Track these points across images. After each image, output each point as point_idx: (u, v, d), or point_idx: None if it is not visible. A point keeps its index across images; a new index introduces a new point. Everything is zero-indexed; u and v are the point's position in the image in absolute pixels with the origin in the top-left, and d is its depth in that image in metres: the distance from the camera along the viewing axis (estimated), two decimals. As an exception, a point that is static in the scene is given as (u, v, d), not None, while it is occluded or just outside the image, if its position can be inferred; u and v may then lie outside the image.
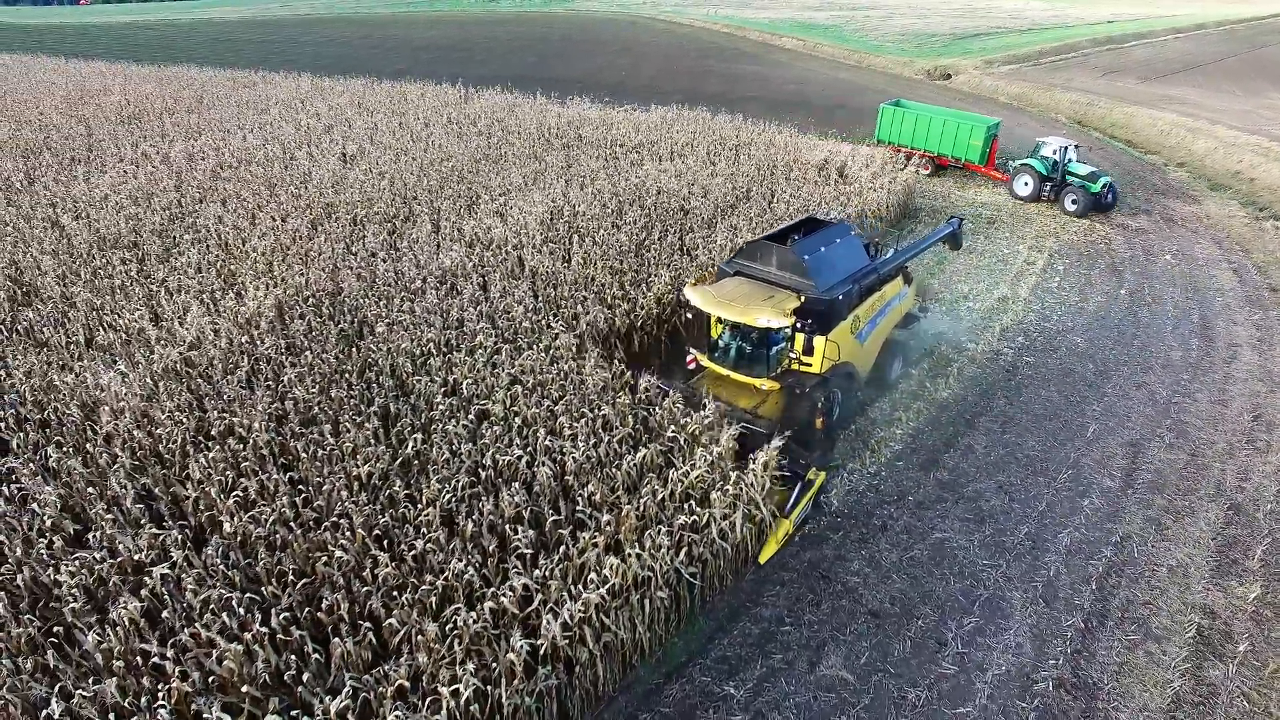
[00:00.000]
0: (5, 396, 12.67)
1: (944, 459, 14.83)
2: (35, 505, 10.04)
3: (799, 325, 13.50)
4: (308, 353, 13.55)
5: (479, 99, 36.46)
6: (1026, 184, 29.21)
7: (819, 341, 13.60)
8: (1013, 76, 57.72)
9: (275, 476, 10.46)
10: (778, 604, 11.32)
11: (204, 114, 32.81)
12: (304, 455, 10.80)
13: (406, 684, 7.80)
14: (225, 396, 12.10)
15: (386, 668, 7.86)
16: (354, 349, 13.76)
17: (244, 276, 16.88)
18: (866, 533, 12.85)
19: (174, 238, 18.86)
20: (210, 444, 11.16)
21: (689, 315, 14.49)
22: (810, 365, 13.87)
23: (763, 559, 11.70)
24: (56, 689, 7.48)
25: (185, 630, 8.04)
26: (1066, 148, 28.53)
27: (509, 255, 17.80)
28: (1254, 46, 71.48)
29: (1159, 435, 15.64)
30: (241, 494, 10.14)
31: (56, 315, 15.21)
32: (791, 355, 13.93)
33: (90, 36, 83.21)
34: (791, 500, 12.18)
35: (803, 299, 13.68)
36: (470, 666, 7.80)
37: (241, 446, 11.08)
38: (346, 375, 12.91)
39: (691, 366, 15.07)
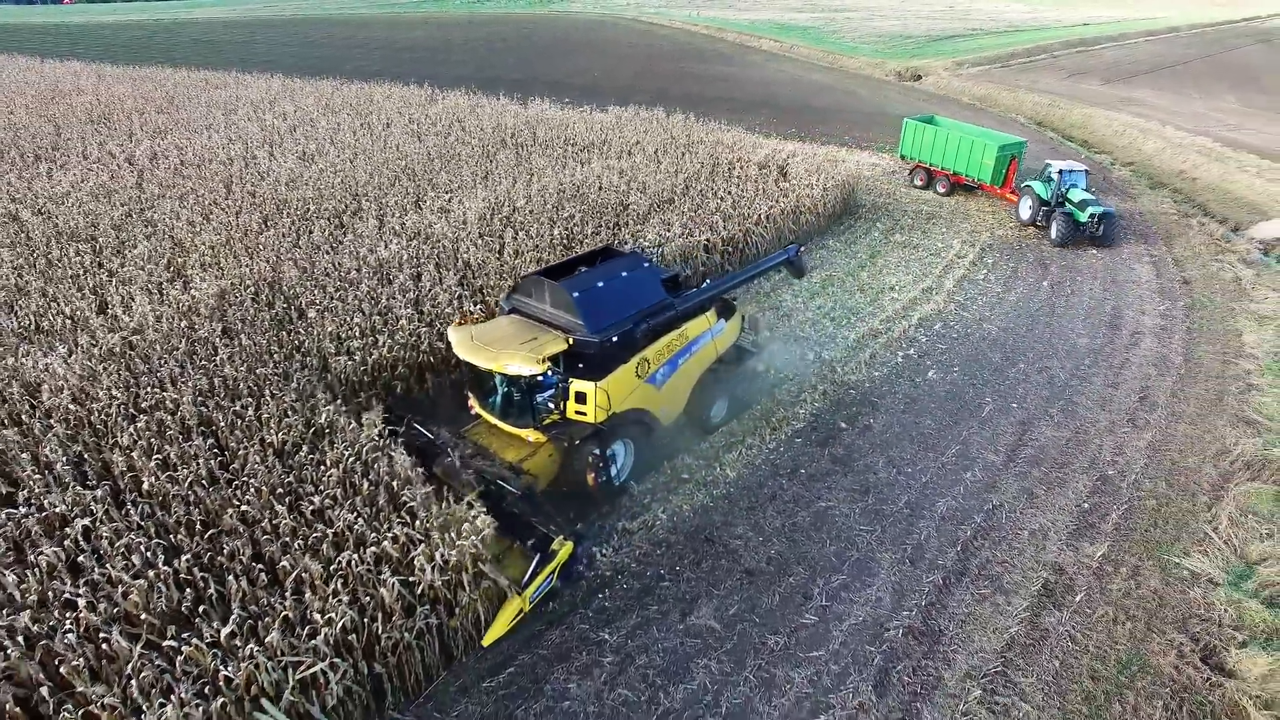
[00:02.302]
0: None
1: (842, 436, 15.81)
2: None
3: (554, 372, 12.38)
4: (242, 335, 14.56)
5: (444, 100, 37.47)
6: (1029, 207, 27.48)
7: (589, 389, 12.40)
8: (981, 78, 58.97)
9: (197, 443, 11.47)
10: (660, 564, 12.33)
11: (173, 114, 33.71)
12: (223, 425, 11.82)
13: (291, 615, 8.83)
14: (158, 375, 13.08)
15: (272, 599, 8.89)
16: (285, 333, 14.77)
17: (192, 268, 17.87)
18: (755, 501, 13.84)
19: (129, 232, 19.81)
20: (140, 416, 12.15)
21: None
22: (585, 415, 12.70)
23: (487, 641, 10.21)
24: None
25: (96, 571, 9.06)
26: (1066, 172, 26.59)
27: (446, 248, 18.81)
28: (1222, 49, 72.93)
29: (1049, 415, 16.69)
30: (162, 458, 11.14)
31: (8, 302, 16.16)
32: (551, 406, 12.78)
33: (74, 35, 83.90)
34: (528, 574, 10.58)
35: (571, 341, 12.55)
36: (345, 599, 8.83)
37: (169, 418, 12.08)
38: (274, 355, 13.92)
39: (474, 412, 13.76)
